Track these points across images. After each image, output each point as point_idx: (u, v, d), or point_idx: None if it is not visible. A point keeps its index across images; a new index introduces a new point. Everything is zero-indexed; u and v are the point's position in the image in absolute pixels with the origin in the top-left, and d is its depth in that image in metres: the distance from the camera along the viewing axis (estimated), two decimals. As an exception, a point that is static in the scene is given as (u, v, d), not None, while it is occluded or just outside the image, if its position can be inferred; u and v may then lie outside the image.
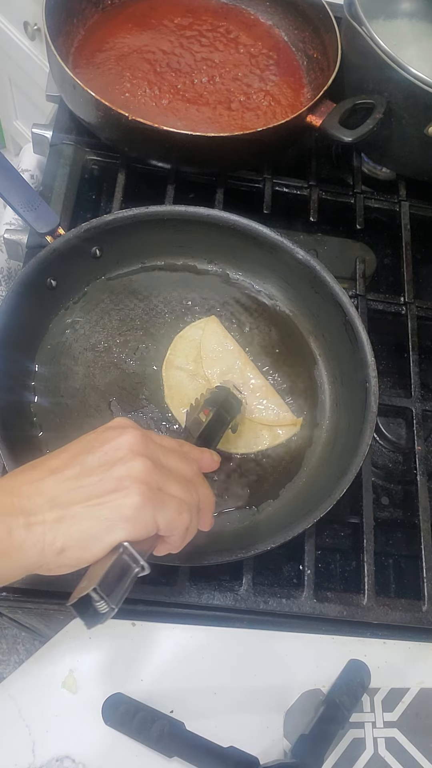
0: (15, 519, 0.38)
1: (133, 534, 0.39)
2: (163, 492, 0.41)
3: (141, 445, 0.42)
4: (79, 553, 0.39)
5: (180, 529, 0.42)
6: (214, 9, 0.86)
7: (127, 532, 0.39)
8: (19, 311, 0.59)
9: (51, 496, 0.39)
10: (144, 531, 0.40)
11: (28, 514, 0.38)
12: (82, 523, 0.39)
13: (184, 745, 0.51)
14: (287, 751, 0.54)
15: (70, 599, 0.39)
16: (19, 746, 0.52)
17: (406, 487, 0.69)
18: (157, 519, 0.40)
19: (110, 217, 0.64)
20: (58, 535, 0.38)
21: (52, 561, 0.38)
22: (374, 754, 0.55)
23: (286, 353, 0.68)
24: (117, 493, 0.39)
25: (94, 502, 0.39)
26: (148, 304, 0.69)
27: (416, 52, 0.77)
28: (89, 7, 0.81)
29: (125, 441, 0.42)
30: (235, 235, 0.67)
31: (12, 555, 0.37)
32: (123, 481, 0.40)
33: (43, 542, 0.38)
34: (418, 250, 0.80)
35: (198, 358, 0.66)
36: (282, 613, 0.56)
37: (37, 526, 0.38)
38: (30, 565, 0.38)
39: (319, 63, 0.81)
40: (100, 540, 0.39)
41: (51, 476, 0.40)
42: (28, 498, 0.39)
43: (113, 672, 0.55)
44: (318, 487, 0.60)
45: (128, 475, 0.40)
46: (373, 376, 0.59)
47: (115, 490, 0.40)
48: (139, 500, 0.39)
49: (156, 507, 0.40)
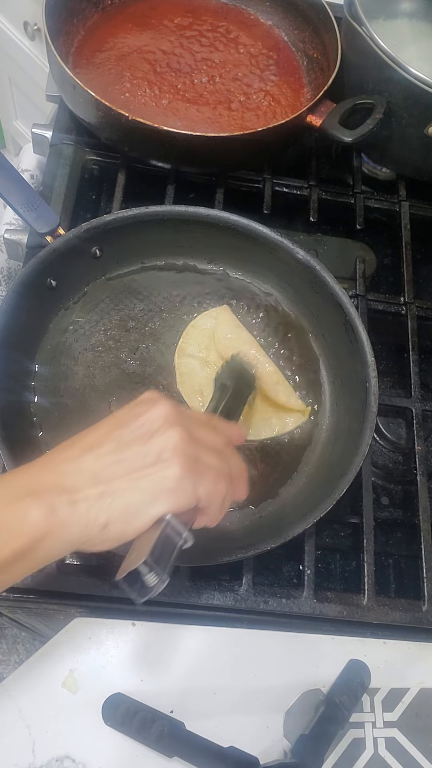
0: (58, 497, 0.38)
1: (176, 505, 0.39)
2: (199, 462, 0.41)
3: (175, 415, 0.42)
4: (123, 527, 0.39)
5: (218, 500, 0.42)
6: (214, 9, 0.86)
7: (169, 504, 0.39)
8: (19, 311, 0.59)
9: (92, 472, 0.39)
10: (186, 502, 0.40)
11: (70, 492, 0.38)
12: (124, 497, 0.39)
13: (184, 745, 0.51)
14: (287, 751, 0.54)
15: (119, 574, 0.39)
16: (19, 746, 0.52)
17: (406, 487, 0.69)
18: (198, 490, 0.40)
19: (110, 217, 0.64)
20: (102, 510, 0.38)
21: (97, 536, 0.39)
22: (374, 754, 0.55)
23: (286, 353, 0.68)
24: (157, 465, 0.40)
25: (136, 475, 0.39)
26: (148, 304, 0.69)
27: (416, 52, 0.77)
28: (89, 7, 0.81)
29: (159, 413, 0.42)
30: (235, 235, 0.67)
31: (57, 533, 0.37)
32: (162, 453, 0.40)
33: (87, 518, 0.38)
34: (418, 250, 0.80)
35: (210, 345, 0.67)
36: (282, 613, 0.56)
37: (81, 503, 0.38)
38: (74, 541, 0.38)
39: (319, 63, 0.81)
40: (144, 513, 0.39)
41: (89, 453, 0.40)
42: (68, 475, 0.39)
43: (113, 672, 0.55)
44: (318, 487, 0.60)
45: (166, 446, 0.40)
46: (373, 376, 0.59)
47: (155, 462, 0.40)
48: (180, 471, 0.39)
49: (195, 477, 0.40)
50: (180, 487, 0.39)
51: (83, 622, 0.57)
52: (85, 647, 0.56)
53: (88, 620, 0.57)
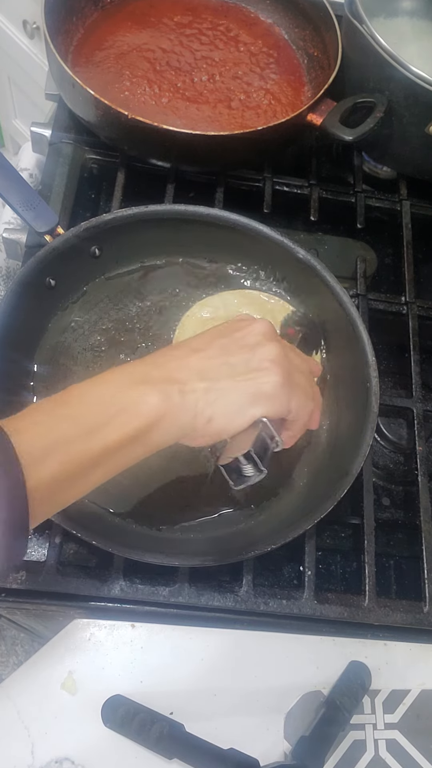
0: (171, 386, 0.41)
1: (272, 410, 0.43)
2: (293, 378, 0.45)
3: (273, 333, 0.46)
4: (225, 423, 0.42)
5: (304, 417, 0.46)
6: (214, 7, 0.85)
7: (267, 408, 0.43)
8: (18, 311, 0.59)
9: (199, 369, 0.43)
10: (281, 409, 0.44)
11: (181, 383, 0.41)
12: (229, 396, 0.42)
13: (183, 747, 0.51)
14: (287, 752, 0.54)
15: (220, 461, 0.44)
16: (19, 748, 0.52)
17: (407, 487, 0.69)
18: (291, 401, 0.44)
19: (110, 216, 0.64)
20: (208, 404, 0.42)
21: (200, 428, 0.42)
22: (375, 755, 0.55)
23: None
24: (259, 372, 0.43)
25: (239, 378, 0.43)
26: (147, 303, 0.69)
27: (417, 51, 0.77)
28: (88, 6, 0.80)
29: (259, 328, 0.46)
30: (236, 234, 0.66)
31: (170, 418, 0.40)
32: (263, 362, 0.44)
33: (195, 408, 0.41)
34: (420, 250, 0.80)
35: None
36: (282, 614, 0.56)
37: (191, 394, 0.41)
38: (184, 428, 0.42)
39: (320, 61, 0.81)
40: (244, 413, 0.43)
41: (195, 354, 0.44)
42: (178, 370, 0.42)
43: (112, 673, 0.55)
44: (318, 487, 0.59)
45: (267, 357, 0.44)
46: (374, 376, 0.59)
47: (257, 369, 0.43)
48: (280, 380, 0.43)
49: (290, 389, 0.44)
50: (278, 395, 0.43)
51: (82, 624, 0.57)
52: (85, 648, 0.56)
53: (87, 621, 0.57)
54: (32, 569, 0.55)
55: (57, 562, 0.55)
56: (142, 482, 0.60)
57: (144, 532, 0.58)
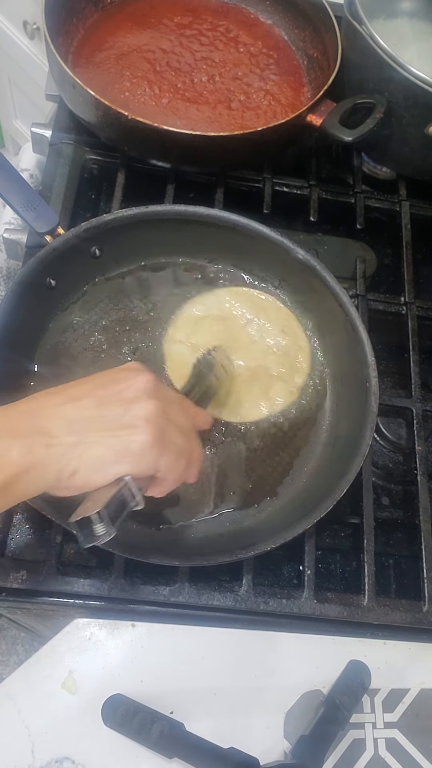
0: (37, 439, 0.40)
1: (137, 469, 0.43)
2: (166, 437, 0.44)
3: (153, 389, 0.45)
4: (87, 478, 0.42)
5: (174, 475, 0.46)
6: (214, 8, 0.85)
7: (132, 466, 0.42)
8: (18, 311, 0.59)
9: (71, 420, 0.42)
10: (147, 468, 0.43)
11: (48, 436, 0.41)
12: (96, 450, 0.42)
13: (184, 746, 0.51)
14: (287, 752, 0.54)
15: (73, 517, 0.42)
16: (19, 747, 0.52)
17: (407, 487, 0.69)
18: (159, 461, 0.44)
19: (110, 216, 0.64)
20: (73, 458, 0.41)
21: (64, 481, 0.41)
22: (374, 754, 0.55)
23: (286, 353, 0.68)
24: (130, 429, 0.43)
25: (109, 433, 0.42)
26: (147, 303, 0.69)
27: (416, 52, 0.77)
28: (89, 6, 0.81)
29: (141, 383, 0.45)
30: (235, 234, 0.67)
31: (33, 472, 0.40)
32: (136, 420, 0.43)
33: (60, 462, 0.41)
34: (419, 250, 0.80)
35: (198, 331, 0.67)
36: (282, 613, 0.56)
37: (57, 447, 0.41)
38: (48, 482, 0.41)
39: (320, 62, 0.81)
40: (109, 469, 0.42)
41: (71, 403, 0.43)
42: (49, 420, 0.42)
43: (113, 673, 0.55)
44: (318, 487, 0.60)
45: (141, 414, 0.43)
46: (374, 376, 0.59)
47: (129, 426, 0.43)
48: (149, 439, 0.43)
49: (160, 450, 0.43)
50: (145, 454, 0.43)
51: (83, 623, 0.57)
52: (85, 648, 0.56)
53: (87, 621, 0.57)
54: (33, 569, 0.55)
55: (57, 562, 0.55)
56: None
57: (144, 531, 0.58)
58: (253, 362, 0.67)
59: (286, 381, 0.67)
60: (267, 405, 0.65)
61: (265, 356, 0.68)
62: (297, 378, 0.67)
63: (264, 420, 0.65)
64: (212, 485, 0.61)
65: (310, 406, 0.66)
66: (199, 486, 0.60)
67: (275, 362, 0.67)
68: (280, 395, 0.66)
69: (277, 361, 0.68)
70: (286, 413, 0.65)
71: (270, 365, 0.67)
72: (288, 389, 0.66)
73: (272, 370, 0.67)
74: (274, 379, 0.67)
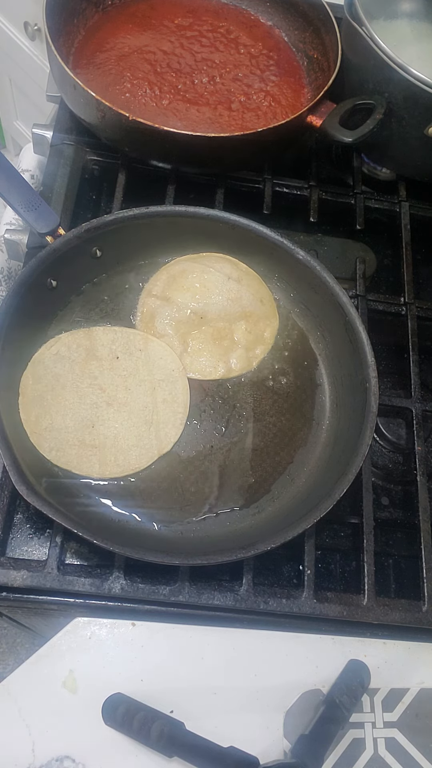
0: None
1: None
2: None
3: None
4: None
5: None
6: (215, 9, 0.86)
7: None
8: (20, 312, 0.59)
9: None
10: None
11: None
12: None
13: (183, 746, 0.51)
14: (287, 751, 0.54)
15: None
16: (19, 746, 0.52)
17: (406, 487, 0.69)
18: None
19: (110, 217, 0.64)
20: None
21: None
22: (374, 754, 0.55)
23: (286, 353, 0.68)
24: None
25: None
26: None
27: (416, 53, 0.77)
28: (90, 8, 0.81)
29: None
30: (236, 235, 0.67)
31: None
32: None
33: None
34: (419, 251, 0.80)
35: (176, 286, 0.68)
36: (282, 613, 0.56)
37: None
38: None
39: (320, 63, 0.81)
40: None
41: None
42: None
43: (113, 672, 0.55)
44: (318, 487, 0.60)
45: None
46: (373, 376, 0.59)
47: None
48: None
49: None
50: None
51: (83, 622, 0.57)
52: (85, 647, 0.56)
53: (88, 620, 0.57)
54: (33, 568, 0.55)
55: (58, 561, 0.55)
56: (143, 482, 0.60)
57: (144, 531, 0.58)
58: (222, 322, 0.67)
59: (247, 349, 0.67)
60: (224, 367, 0.66)
61: (235, 320, 0.68)
62: (258, 349, 0.67)
63: (264, 420, 0.65)
64: (212, 485, 0.61)
65: (309, 405, 0.66)
66: (199, 486, 0.60)
67: (242, 329, 0.67)
68: (239, 361, 0.66)
69: (245, 328, 0.68)
70: (287, 413, 0.65)
71: (236, 330, 0.67)
72: (247, 357, 0.67)
73: (237, 334, 0.67)
74: (235, 345, 0.67)
